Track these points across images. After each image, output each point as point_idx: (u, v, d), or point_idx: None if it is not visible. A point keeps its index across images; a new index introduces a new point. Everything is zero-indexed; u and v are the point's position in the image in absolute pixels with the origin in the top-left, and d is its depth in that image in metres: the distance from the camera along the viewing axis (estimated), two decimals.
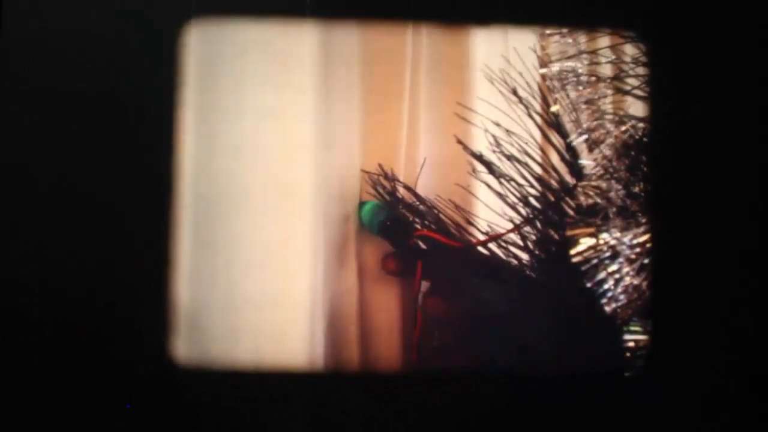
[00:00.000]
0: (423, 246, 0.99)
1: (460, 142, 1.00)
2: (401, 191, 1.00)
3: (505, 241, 0.98)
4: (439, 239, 0.98)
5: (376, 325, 0.99)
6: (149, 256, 0.91)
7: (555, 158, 0.98)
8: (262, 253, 0.96)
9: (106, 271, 0.90)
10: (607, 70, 0.98)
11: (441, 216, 1.00)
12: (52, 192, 0.91)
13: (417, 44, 1.02)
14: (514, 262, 0.98)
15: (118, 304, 0.90)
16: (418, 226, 1.00)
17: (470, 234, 1.00)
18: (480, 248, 0.99)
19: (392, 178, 1.00)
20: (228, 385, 0.90)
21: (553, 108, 0.98)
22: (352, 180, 1.01)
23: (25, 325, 0.89)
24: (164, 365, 0.90)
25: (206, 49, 0.95)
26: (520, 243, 0.97)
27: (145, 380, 0.89)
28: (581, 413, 0.91)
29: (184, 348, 0.91)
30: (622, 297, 0.91)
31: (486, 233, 0.99)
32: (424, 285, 0.98)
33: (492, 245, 0.99)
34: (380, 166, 1.01)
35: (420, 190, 1.01)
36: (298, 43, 0.98)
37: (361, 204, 1.01)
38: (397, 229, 0.99)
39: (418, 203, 1.00)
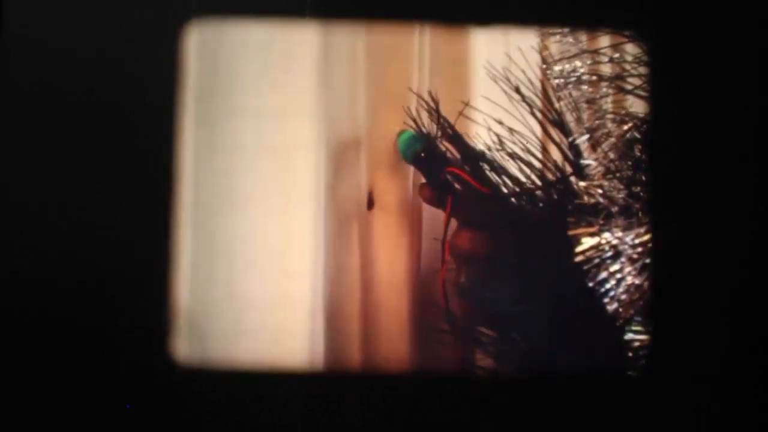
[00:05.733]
0: (454, 183, 0.99)
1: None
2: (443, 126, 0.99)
3: (534, 196, 0.98)
4: (468, 180, 0.98)
5: (377, 326, 0.99)
6: (149, 256, 0.91)
7: (557, 157, 0.98)
8: (262, 253, 0.96)
9: (106, 271, 0.90)
10: (608, 69, 0.98)
11: (476, 158, 0.99)
12: (52, 192, 0.91)
13: (418, 43, 1.02)
14: (538, 212, 0.97)
15: (119, 304, 0.90)
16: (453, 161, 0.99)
17: (501, 182, 0.99)
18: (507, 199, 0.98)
19: (435, 109, 0.99)
20: (228, 385, 0.91)
21: (556, 105, 0.98)
22: (352, 179, 1.01)
23: (25, 324, 0.89)
24: (164, 365, 0.90)
25: (206, 49, 0.96)
26: (546, 198, 0.97)
27: (146, 380, 0.89)
28: (581, 413, 0.91)
29: (184, 348, 0.92)
30: (623, 296, 0.91)
31: (518, 183, 0.98)
32: (453, 223, 0.98)
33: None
34: (429, 93, 1.00)
35: None
36: (299, 43, 0.98)
37: (400, 132, 1.00)
38: (431, 161, 0.99)
39: (455, 141, 0.99)
